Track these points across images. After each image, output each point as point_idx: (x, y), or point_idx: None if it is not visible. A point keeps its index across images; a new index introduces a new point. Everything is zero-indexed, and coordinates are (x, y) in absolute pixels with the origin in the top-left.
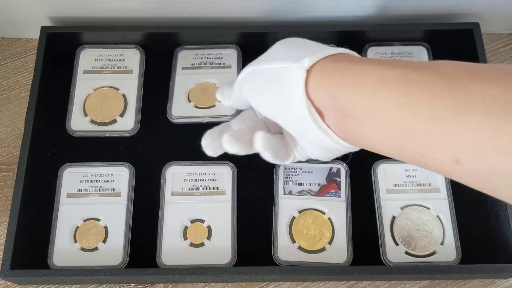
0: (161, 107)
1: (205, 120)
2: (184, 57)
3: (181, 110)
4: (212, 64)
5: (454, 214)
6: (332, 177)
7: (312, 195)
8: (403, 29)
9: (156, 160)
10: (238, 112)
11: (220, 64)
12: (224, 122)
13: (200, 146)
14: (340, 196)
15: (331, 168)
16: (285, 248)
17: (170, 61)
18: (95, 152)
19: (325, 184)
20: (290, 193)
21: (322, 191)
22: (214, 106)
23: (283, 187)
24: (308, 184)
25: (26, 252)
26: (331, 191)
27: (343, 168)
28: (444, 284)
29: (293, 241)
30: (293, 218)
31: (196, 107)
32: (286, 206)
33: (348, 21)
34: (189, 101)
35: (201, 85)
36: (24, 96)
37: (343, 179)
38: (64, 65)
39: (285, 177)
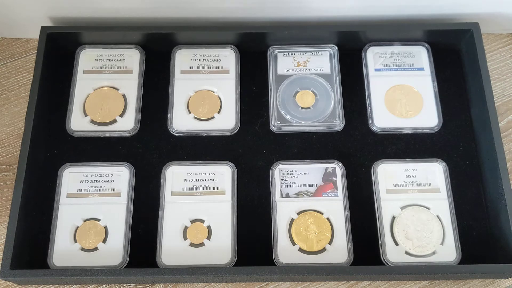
0: (161, 107)
1: (205, 134)
2: (182, 58)
3: (181, 122)
4: (210, 67)
5: (454, 214)
6: (328, 177)
7: (310, 196)
8: (403, 29)
9: (156, 160)
10: (239, 124)
11: (218, 67)
12: (224, 135)
13: (199, 146)
14: (337, 196)
15: (326, 168)
16: (285, 251)
17: (170, 61)
18: (95, 152)
19: (321, 184)
20: (287, 195)
21: (319, 192)
22: (213, 117)
23: (280, 190)
24: (304, 185)
25: (26, 252)
26: (328, 191)
27: (338, 168)
28: (444, 284)
29: (293, 243)
30: (292, 220)
31: (196, 118)
32: (284, 209)
33: (348, 21)
34: (189, 112)
35: (200, 94)
36: (24, 96)
37: (339, 178)
38: (64, 65)
39: (282, 180)
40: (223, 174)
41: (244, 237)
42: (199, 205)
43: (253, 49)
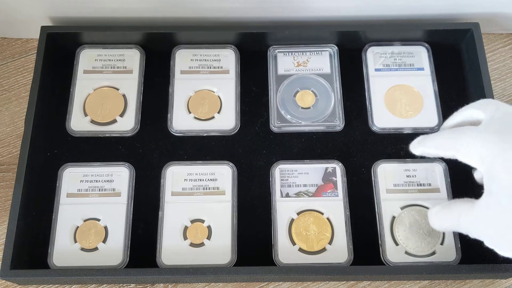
0: (161, 107)
1: (205, 134)
2: (182, 58)
3: (181, 122)
4: (210, 67)
5: None
6: (328, 177)
7: (310, 196)
8: (403, 29)
9: (156, 160)
10: (239, 124)
11: (218, 67)
12: (224, 135)
13: (199, 146)
14: (337, 196)
15: (326, 168)
16: (285, 251)
17: (170, 61)
18: (95, 152)
19: (321, 184)
20: (287, 195)
21: (319, 192)
22: (213, 117)
23: (280, 190)
24: (304, 185)
25: (26, 252)
26: (328, 191)
27: (338, 167)
28: (444, 284)
29: (293, 243)
30: (292, 220)
31: (196, 118)
32: (284, 209)
33: (348, 21)
34: (189, 112)
35: (200, 94)
36: (24, 96)
37: (339, 178)
38: (64, 65)
39: (282, 180)
40: (223, 174)
41: (244, 237)
42: (199, 205)
43: (253, 49)
